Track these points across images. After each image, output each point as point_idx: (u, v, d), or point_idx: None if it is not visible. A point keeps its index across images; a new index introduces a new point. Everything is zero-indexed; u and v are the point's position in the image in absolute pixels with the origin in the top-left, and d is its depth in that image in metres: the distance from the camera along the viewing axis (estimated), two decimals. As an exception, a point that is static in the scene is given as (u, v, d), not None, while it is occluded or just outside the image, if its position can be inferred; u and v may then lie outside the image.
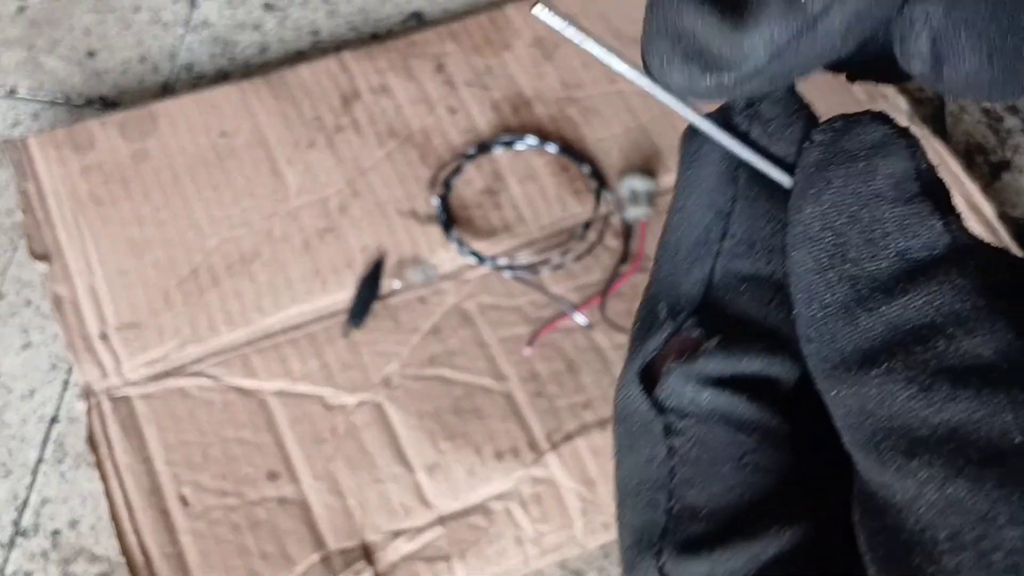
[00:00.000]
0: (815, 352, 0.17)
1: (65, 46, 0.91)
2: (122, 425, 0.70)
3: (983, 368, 0.16)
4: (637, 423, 0.19)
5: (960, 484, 0.15)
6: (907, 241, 0.17)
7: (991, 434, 0.15)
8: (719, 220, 0.19)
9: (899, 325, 0.16)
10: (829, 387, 0.17)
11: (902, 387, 0.16)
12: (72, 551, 0.69)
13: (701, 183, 0.19)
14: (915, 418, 0.16)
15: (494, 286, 0.75)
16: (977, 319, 0.16)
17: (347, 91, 0.83)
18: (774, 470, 0.18)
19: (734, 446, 0.18)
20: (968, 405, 0.15)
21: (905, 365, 0.16)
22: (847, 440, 0.17)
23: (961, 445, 0.15)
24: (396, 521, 0.67)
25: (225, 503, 0.67)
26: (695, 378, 0.18)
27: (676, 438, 0.18)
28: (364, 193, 0.79)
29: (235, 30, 0.91)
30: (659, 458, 0.18)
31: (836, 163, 0.18)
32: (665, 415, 0.18)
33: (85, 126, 0.81)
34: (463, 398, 0.71)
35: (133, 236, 0.77)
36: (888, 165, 0.18)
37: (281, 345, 0.73)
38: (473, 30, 0.86)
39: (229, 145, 0.81)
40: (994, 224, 0.77)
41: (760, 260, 0.19)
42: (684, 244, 0.19)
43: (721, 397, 0.18)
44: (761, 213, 0.19)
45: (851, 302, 0.17)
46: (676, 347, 0.18)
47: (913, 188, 0.17)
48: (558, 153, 0.80)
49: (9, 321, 0.77)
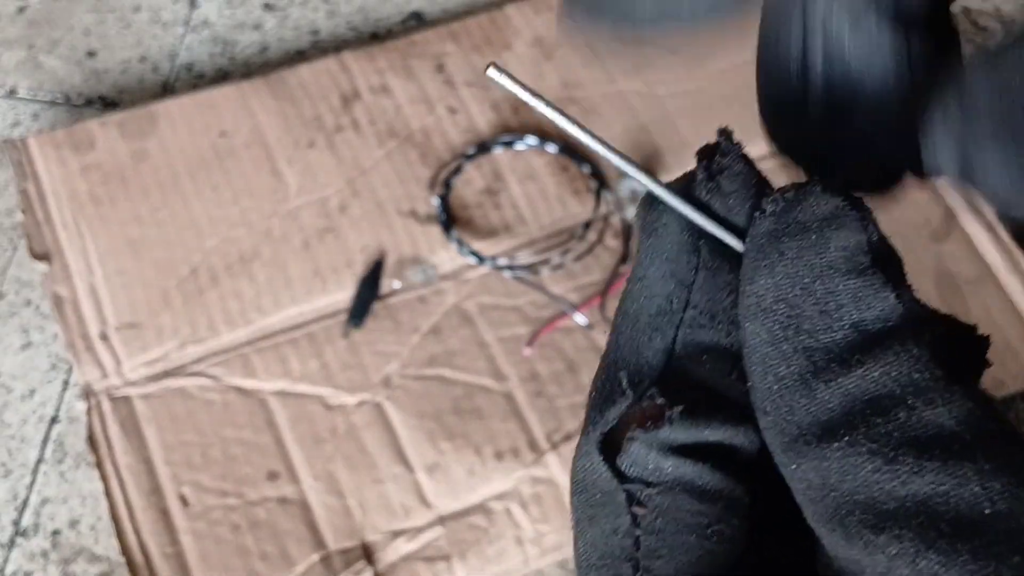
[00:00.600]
0: (772, 425, 0.17)
1: (65, 46, 0.91)
2: (122, 425, 0.70)
3: (946, 438, 0.16)
4: (599, 493, 0.18)
5: (932, 558, 0.15)
6: (861, 313, 0.17)
7: (960, 506, 0.15)
8: (681, 290, 0.19)
9: (857, 396, 0.16)
10: (788, 460, 0.17)
11: (865, 459, 0.16)
12: (72, 551, 0.69)
13: (663, 252, 0.19)
14: (881, 491, 0.16)
15: (494, 286, 0.75)
16: (936, 389, 0.16)
17: (347, 91, 0.83)
18: (738, 539, 0.18)
19: (699, 515, 0.18)
20: (935, 477, 0.15)
21: (867, 437, 0.16)
22: (809, 515, 0.17)
23: (931, 518, 0.15)
24: (396, 521, 0.67)
25: (225, 503, 0.67)
26: (658, 447, 0.18)
27: (640, 508, 0.18)
28: (364, 193, 0.79)
29: (235, 30, 0.91)
30: (623, 528, 0.18)
31: (788, 235, 0.18)
32: (627, 484, 0.18)
33: (85, 126, 0.81)
34: (463, 398, 0.71)
35: (133, 236, 0.77)
36: (840, 237, 0.17)
37: (281, 345, 0.73)
38: (473, 30, 0.86)
39: (229, 145, 0.81)
40: (994, 224, 0.77)
41: (721, 331, 0.19)
42: (645, 313, 0.19)
43: (685, 466, 0.18)
44: (723, 284, 0.19)
45: (807, 374, 0.17)
46: (638, 416, 0.18)
47: (865, 260, 0.17)
48: (558, 153, 0.80)
49: (9, 321, 0.77)
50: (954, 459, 0.15)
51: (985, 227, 0.77)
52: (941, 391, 0.16)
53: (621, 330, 0.20)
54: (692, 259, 0.19)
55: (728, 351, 0.19)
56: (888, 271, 0.17)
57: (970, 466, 0.15)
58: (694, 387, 0.19)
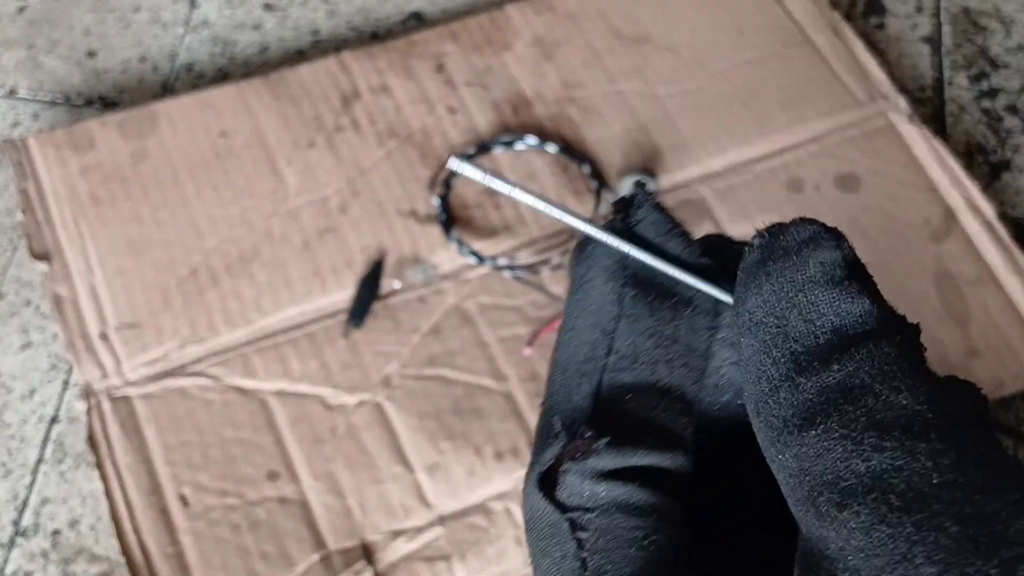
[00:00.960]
0: (763, 425, 0.19)
1: (65, 46, 0.91)
2: (122, 425, 0.70)
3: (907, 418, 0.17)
4: (545, 526, 0.20)
5: (883, 530, 0.16)
6: (840, 319, 0.19)
7: (912, 479, 0.16)
8: (604, 339, 0.21)
9: (833, 387, 0.18)
10: (775, 453, 0.19)
11: (836, 442, 0.17)
12: (72, 551, 0.69)
13: (589, 305, 0.21)
14: (846, 470, 0.17)
15: (494, 286, 0.75)
16: (900, 377, 0.18)
17: (347, 91, 0.83)
18: (675, 545, 0.20)
19: (636, 529, 0.19)
20: (891, 454, 0.17)
21: (838, 424, 0.17)
22: (791, 502, 0.18)
23: (883, 492, 0.16)
24: (396, 521, 0.67)
25: (225, 503, 0.67)
26: (589, 475, 0.20)
27: (582, 532, 0.19)
28: (364, 193, 0.79)
29: (235, 30, 0.91)
30: (571, 553, 0.20)
31: (773, 259, 0.20)
32: (569, 513, 0.20)
33: (85, 126, 0.81)
34: (463, 398, 0.71)
35: (133, 236, 0.77)
36: (818, 255, 0.19)
37: (281, 345, 0.73)
38: (473, 30, 0.86)
39: (229, 145, 0.81)
40: (994, 224, 0.77)
41: (643, 371, 0.21)
42: (573, 361, 0.21)
43: (616, 488, 0.20)
44: (643, 329, 0.21)
45: (792, 373, 0.18)
46: (570, 452, 0.20)
47: (841, 273, 0.19)
48: (558, 153, 0.80)
49: (9, 321, 0.77)
50: (910, 437, 0.17)
51: (985, 227, 0.77)
52: (905, 378, 0.18)
53: (554, 378, 0.22)
54: (614, 309, 0.21)
55: (653, 387, 0.21)
56: (862, 282, 0.19)
57: (923, 443, 0.17)
58: (622, 422, 0.20)
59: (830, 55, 0.85)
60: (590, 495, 0.19)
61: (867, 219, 0.78)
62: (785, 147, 0.81)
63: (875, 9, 0.93)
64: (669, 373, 0.21)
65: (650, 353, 0.21)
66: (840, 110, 0.82)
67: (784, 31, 0.86)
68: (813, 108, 0.83)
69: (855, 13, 0.92)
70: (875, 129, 0.81)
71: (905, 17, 0.92)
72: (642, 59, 0.85)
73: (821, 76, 0.84)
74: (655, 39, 0.86)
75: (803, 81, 0.84)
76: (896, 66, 0.88)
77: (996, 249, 0.76)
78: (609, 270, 0.21)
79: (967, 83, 0.88)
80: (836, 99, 0.83)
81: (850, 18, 0.91)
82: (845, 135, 0.81)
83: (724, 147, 0.81)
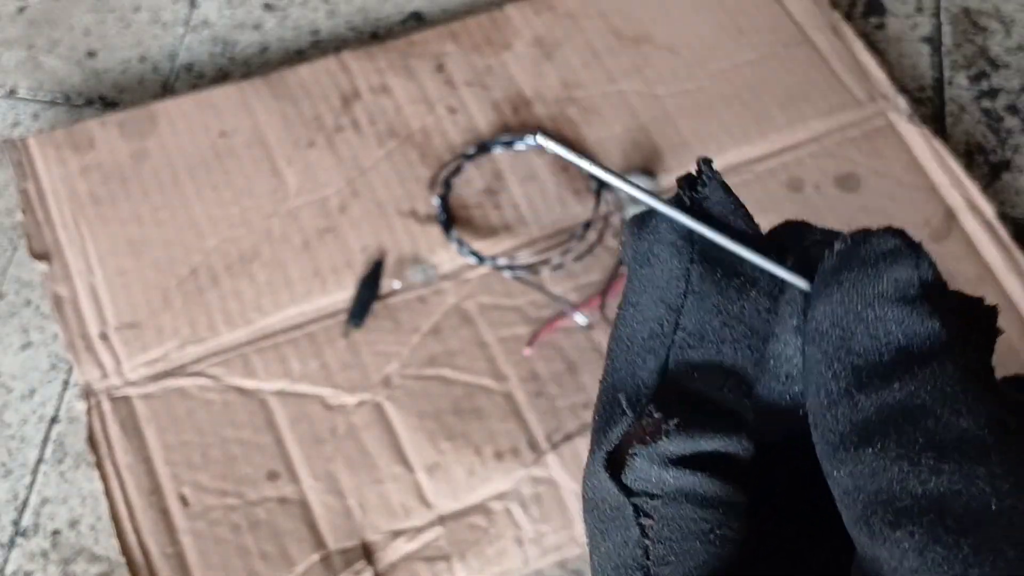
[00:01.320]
0: (821, 437, 0.19)
1: (65, 46, 0.91)
2: (122, 425, 0.70)
3: (967, 441, 0.17)
4: (608, 508, 0.20)
5: (938, 551, 0.16)
6: (907, 339, 0.18)
7: (970, 503, 0.16)
8: (671, 314, 0.21)
9: (893, 406, 0.18)
10: (831, 468, 0.18)
11: (892, 462, 0.17)
12: (72, 551, 0.69)
13: (654, 280, 0.21)
14: (902, 491, 0.17)
15: (494, 286, 0.75)
16: (963, 400, 0.17)
17: (347, 91, 0.83)
18: (739, 540, 0.20)
19: (702, 522, 0.19)
20: (950, 477, 0.17)
21: (896, 443, 0.17)
22: (846, 520, 0.18)
23: (940, 514, 0.16)
24: (396, 521, 0.67)
25: (225, 503, 0.67)
26: (658, 460, 0.19)
27: (647, 519, 0.19)
28: (364, 193, 0.79)
29: (235, 30, 0.91)
30: (633, 539, 0.19)
31: (848, 268, 0.19)
32: (634, 498, 0.19)
33: (85, 126, 0.81)
34: (463, 398, 0.71)
35: (132, 236, 0.77)
36: (894, 271, 0.19)
37: (281, 345, 0.73)
38: (473, 30, 0.86)
39: (228, 145, 0.81)
40: (994, 224, 0.77)
41: (711, 350, 0.21)
42: (638, 336, 0.21)
43: (685, 476, 0.19)
44: (710, 307, 0.21)
45: (852, 388, 0.18)
46: (638, 433, 0.20)
47: (915, 292, 0.19)
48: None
49: (9, 321, 0.77)
50: (969, 460, 0.17)
51: (985, 227, 0.77)
52: (968, 401, 0.17)
53: (616, 354, 0.21)
54: (681, 285, 0.21)
55: (719, 367, 0.21)
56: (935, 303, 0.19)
57: (983, 467, 0.16)
58: (688, 401, 0.20)
59: (830, 55, 0.85)
60: (658, 481, 0.19)
61: (867, 219, 0.78)
62: (785, 147, 0.81)
63: (875, 9, 0.93)
64: (734, 353, 0.20)
65: (717, 332, 0.20)
66: (840, 110, 0.82)
67: (784, 31, 0.86)
68: (813, 108, 0.83)
69: (855, 13, 0.92)
70: (875, 129, 0.81)
71: (905, 17, 0.92)
72: (642, 59, 0.85)
73: (821, 76, 0.84)
74: (655, 39, 0.86)
75: (803, 81, 0.84)
76: (896, 66, 0.88)
77: (996, 249, 0.76)
78: (675, 245, 0.21)
79: (967, 83, 0.88)
80: (836, 99, 0.83)
81: (850, 18, 0.91)
82: (845, 135, 0.81)
83: (724, 147, 0.81)
